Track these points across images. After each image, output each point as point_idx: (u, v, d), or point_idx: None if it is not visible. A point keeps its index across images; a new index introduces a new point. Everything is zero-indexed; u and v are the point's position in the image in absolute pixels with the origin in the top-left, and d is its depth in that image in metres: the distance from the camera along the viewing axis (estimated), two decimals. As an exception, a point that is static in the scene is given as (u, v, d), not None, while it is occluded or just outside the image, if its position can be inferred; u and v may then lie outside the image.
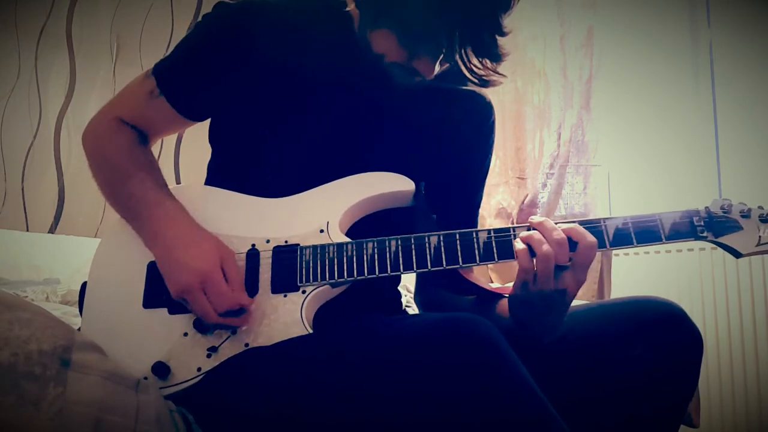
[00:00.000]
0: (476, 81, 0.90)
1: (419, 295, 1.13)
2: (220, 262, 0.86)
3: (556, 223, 0.84)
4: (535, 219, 0.85)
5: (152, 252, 0.90)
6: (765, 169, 2.38)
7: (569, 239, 0.82)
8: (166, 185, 0.96)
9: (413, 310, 2.14)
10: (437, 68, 0.91)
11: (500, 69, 0.91)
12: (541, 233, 0.83)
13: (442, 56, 0.89)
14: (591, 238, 0.82)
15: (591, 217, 2.55)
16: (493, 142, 1.13)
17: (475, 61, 0.88)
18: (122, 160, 0.96)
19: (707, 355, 2.22)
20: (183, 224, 0.89)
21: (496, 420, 0.65)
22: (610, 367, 0.87)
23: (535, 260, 0.82)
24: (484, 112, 1.10)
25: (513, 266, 0.85)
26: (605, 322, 0.91)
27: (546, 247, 0.81)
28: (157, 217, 0.90)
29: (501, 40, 0.87)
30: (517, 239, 0.84)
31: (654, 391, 0.85)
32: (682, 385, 0.87)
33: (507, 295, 0.91)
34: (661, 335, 0.85)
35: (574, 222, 0.85)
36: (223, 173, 1.03)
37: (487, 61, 0.88)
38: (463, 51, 0.87)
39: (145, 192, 0.92)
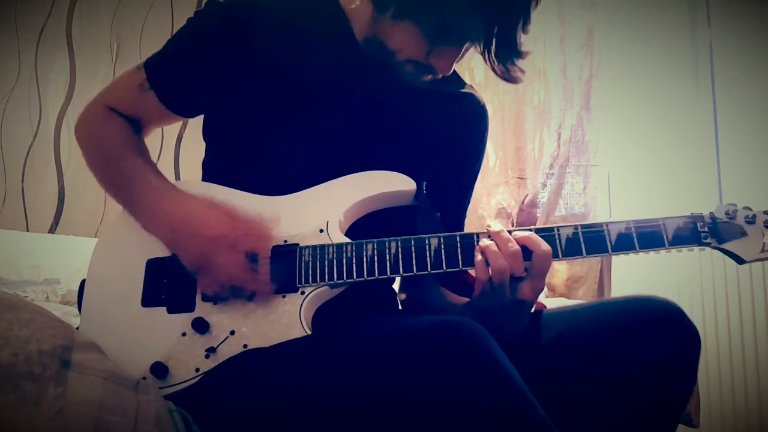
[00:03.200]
0: (504, 75, 0.91)
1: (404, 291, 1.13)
2: (228, 216, 0.87)
3: (510, 231, 0.83)
4: (493, 228, 0.84)
5: (155, 235, 0.90)
6: (765, 169, 2.38)
7: (524, 248, 0.82)
8: (155, 166, 0.96)
9: (413, 310, 2.14)
10: (454, 65, 0.92)
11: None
12: (496, 244, 0.82)
13: (464, 50, 0.89)
14: (545, 247, 0.82)
15: (591, 216, 2.58)
16: (485, 145, 1.13)
17: (501, 56, 0.88)
18: (113, 145, 0.97)
19: (707, 355, 2.22)
20: (177, 195, 0.90)
21: (485, 422, 0.66)
22: (608, 365, 0.87)
23: (490, 272, 0.81)
24: (479, 114, 1.11)
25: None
26: (604, 320, 0.91)
27: (501, 260, 0.81)
28: (150, 193, 0.91)
29: (522, 38, 0.88)
30: (477, 249, 0.83)
31: (652, 390, 0.85)
32: (680, 383, 0.87)
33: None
34: (658, 333, 0.85)
35: (529, 230, 0.84)
36: (219, 172, 1.03)
37: (514, 59, 0.89)
38: (493, 45, 0.87)
39: (135, 173, 0.93)
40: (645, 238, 0.84)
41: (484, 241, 0.83)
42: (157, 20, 2.61)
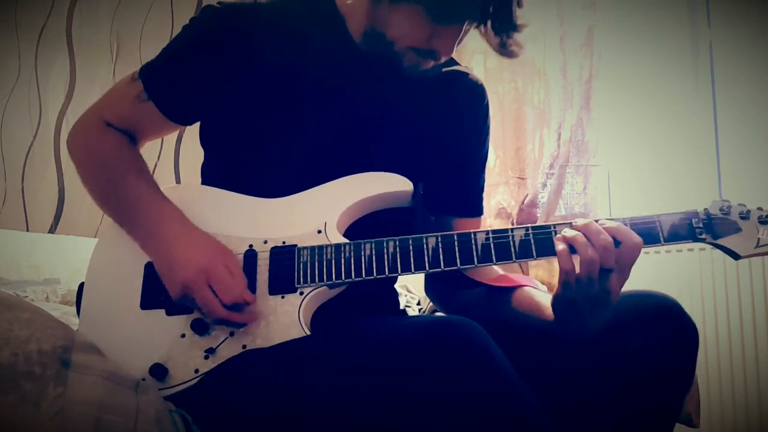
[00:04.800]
0: (501, 50, 0.91)
1: (429, 288, 1.13)
2: (221, 258, 0.86)
3: (597, 221, 0.82)
4: (580, 222, 0.82)
5: (148, 254, 0.90)
6: (765, 169, 2.38)
7: (613, 239, 0.80)
8: (158, 187, 0.96)
9: (413, 310, 2.14)
10: (455, 47, 0.92)
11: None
12: (586, 237, 0.80)
13: (466, 27, 0.89)
14: (636, 239, 0.81)
15: (591, 216, 2.57)
16: (489, 124, 1.13)
17: (498, 29, 0.89)
18: (113, 163, 0.96)
19: (707, 355, 2.22)
20: (179, 224, 0.90)
21: (484, 422, 0.66)
22: (608, 359, 0.87)
23: (577, 262, 0.80)
24: (479, 94, 1.11)
25: (513, 266, 0.85)
26: None
27: (591, 251, 0.79)
28: (152, 218, 0.90)
29: (517, 12, 0.89)
30: (558, 239, 0.82)
31: (651, 383, 0.86)
32: (678, 377, 0.88)
33: (525, 286, 0.91)
34: (657, 328, 0.86)
35: (618, 221, 0.84)
36: (218, 175, 1.03)
37: (511, 32, 0.90)
38: (491, 19, 0.88)
39: (138, 194, 0.92)
40: (641, 234, 0.84)
41: (569, 231, 0.82)
42: (157, 20, 2.61)
